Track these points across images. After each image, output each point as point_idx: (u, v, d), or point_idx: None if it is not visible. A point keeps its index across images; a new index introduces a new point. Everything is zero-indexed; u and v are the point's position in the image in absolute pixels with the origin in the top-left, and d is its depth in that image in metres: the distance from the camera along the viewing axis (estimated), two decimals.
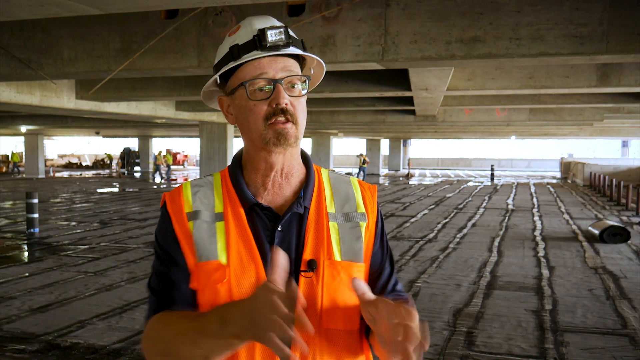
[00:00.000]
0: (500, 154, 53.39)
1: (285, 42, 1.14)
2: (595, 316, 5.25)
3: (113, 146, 54.41)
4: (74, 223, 11.29)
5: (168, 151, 31.76)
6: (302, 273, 1.14)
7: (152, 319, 1.16)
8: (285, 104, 1.12)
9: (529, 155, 51.70)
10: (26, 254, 8.26)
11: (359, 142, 50.91)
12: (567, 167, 30.99)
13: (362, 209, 1.25)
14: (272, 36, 1.13)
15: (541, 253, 8.39)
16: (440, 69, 8.70)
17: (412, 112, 18.58)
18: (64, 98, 12.84)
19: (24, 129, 27.01)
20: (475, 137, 37.79)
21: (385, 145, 43.74)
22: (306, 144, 50.73)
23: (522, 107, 15.66)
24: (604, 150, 53.67)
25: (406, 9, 6.30)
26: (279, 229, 1.16)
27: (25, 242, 9.13)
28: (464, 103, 14.41)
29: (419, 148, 55.93)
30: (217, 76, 1.19)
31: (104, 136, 40.93)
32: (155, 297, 1.19)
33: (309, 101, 15.53)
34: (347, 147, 55.17)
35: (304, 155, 1.26)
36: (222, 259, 1.13)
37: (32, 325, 4.84)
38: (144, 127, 28.68)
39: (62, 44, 7.61)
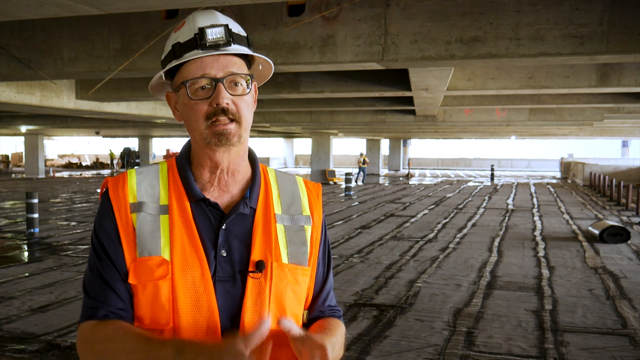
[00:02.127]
0: (500, 154, 53.37)
1: (226, 40, 1.13)
2: (595, 316, 5.25)
3: (114, 146, 54.38)
4: (74, 223, 11.30)
5: None
6: (250, 274, 1.14)
7: (90, 324, 1.14)
8: (227, 104, 1.12)
9: (529, 155, 51.67)
10: (26, 254, 8.26)
11: (359, 142, 50.92)
12: (567, 167, 30.99)
13: (307, 212, 1.24)
14: (211, 35, 1.12)
15: (541, 253, 8.39)
16: (440, 69, 8.70)
17: (412, 112, 18.58)
18: (64, 98, 12.84)
19: (24, 129, 27.01)
20: (475, 137, 37.80)
21: (385, 145, 43.75)
22: (306, 144, 50.71)
23: (522, 107, 15.66)
24: (604, 150, 53.66)
25: (406, 9, 6.30)
26: (224, 227, 1.15)
27: (25, 242, 9.13)
28: (464, 103, 14.41)
29: (419, 148, 55.92)
30: (162, 73, 1.19)
31: (104, 136, 40.93)
32: (90, 299, 1.16)
33: (309, 101, 15.58)
34: (347, 147, 55.15)
35: (250, 153, 1.25)
36: (165, 254, 1.11)
37: (32, 325, 4.84)
38: (144, 127, 28.70)
39: (62, 44, 7.61)
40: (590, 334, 4.75)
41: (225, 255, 1.14)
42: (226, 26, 1.14)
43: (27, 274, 6.76)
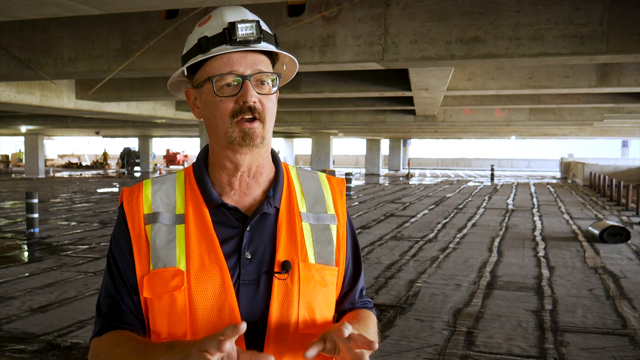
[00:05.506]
0: (500, 154, 53.37)
1: (256, 37, 1.09)
2: (595, 316, 5.25)
3: (113, 146, 54.37)
4: (74, 223, 11.29)
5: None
6: (276, 275, 1.10)
7: (98, 339, 1.12)
8: (253, 102, 1.08)
9: (529, 155, 51.68)
10: (26, 254, 8.26)
11: (359, 142, 50.95)
12: (567, 167, 30.99)
13: (331, 210, 1.20)
14: (242, 30, 1.08)
15: (541, 253, 8.39)
16: (440, 69, 8.70)
17: (412, 112, 18.59)
18: (64, 98, 12.84)
19: (24, 129, 27.02)
20: (475, 137, 37.79)
21: (385, 145, 43.74)
22: (306, 144, 50.73)
23: (522, 107, 15.67)
24: (604, 150, 53.67)
25: (406, 9, 6.30)
26: (248, 229, 1.11)
27: (25, 242, 9.13)
28: (464, 103, 14.41)
29: (419, 148, 55.92)
30: (184, 68, 1.14)
31: (104, 136, 40.94)
32: (101, 317, 1.15)
33: (309, 101, 15.58)
34: (347, 147, 55.18)
35: (272, 153, 1.21)
36: (181, 265, 1.08)
37: (32, 325, 4.84)
38: (144, 127, 28.70)
39: (62, 44, 7.61)
40: (590, 334, 4.75)
41: (249, 257, 1.10)
42: (257, 22, 1.11)
43: (27, 274, 6.76)
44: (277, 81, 1.14)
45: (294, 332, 1.09)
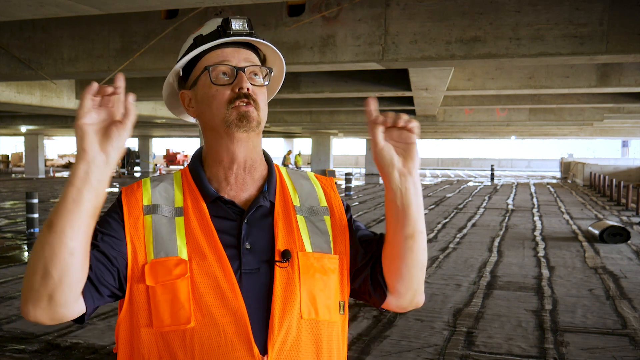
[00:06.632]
0: (500, 154, 53.31)
1: (249, 32, 1.17)
2: (595, 316, 5.25)
3: None
4: None
5: (299, 153, 30.96)
6: (278, 263, 1.13)
7: None
8: (248, 89, 1.14)
9: (529, 155, 51.65)
10: (26, 254, 8.25)
11: (359, 142, 50.94)
12: (567, 167, 30.98)
13: (324, 203, 1.25)
14: (236, 25, 1.16)
15: (541, 253, 8.39)
16: (440, 69, 8.70)
17: (412, 112, 18.55)
18: (64, 98, 12.84)
19: (24, 129, 27.02)
20: (475, 137, 37.79)
21: None
22: (306, 144, 50.67)
23: (522, 107, 15.67)
24: (604, 150, 53.60)
25: (406, 9, 6.30)
26: (245, 222, 1.15)
27: (25, 242, 9.13)
28: (464, 103, 14.41)
29: (419, 148, 55.70)
30: (179, 68, 1.20)
31: None
32: None
33: (309, 101, 15.59)
34: (347, 147, 55.12)
35: (264, 152, 1.27)
36: (183, 254, 1.11)
37: (32, 325, 4.84)
38: (144, 127, 28.71)
39: (62, 44, 7.61)
40: (590, 334, 4.75)
41: (249, 247, 1.14)
42: (249, 19, 1.18)
43: None
44: (269, 77, 1.20)
45: (297, 319, 1.12)
